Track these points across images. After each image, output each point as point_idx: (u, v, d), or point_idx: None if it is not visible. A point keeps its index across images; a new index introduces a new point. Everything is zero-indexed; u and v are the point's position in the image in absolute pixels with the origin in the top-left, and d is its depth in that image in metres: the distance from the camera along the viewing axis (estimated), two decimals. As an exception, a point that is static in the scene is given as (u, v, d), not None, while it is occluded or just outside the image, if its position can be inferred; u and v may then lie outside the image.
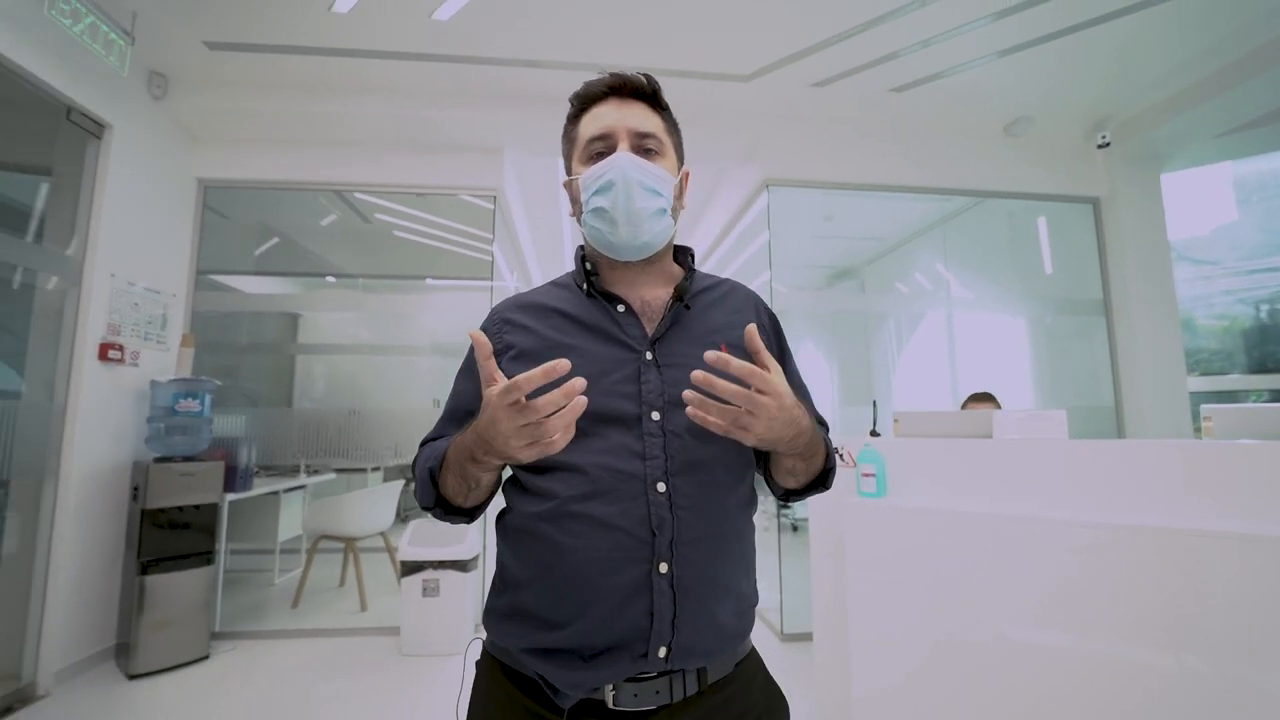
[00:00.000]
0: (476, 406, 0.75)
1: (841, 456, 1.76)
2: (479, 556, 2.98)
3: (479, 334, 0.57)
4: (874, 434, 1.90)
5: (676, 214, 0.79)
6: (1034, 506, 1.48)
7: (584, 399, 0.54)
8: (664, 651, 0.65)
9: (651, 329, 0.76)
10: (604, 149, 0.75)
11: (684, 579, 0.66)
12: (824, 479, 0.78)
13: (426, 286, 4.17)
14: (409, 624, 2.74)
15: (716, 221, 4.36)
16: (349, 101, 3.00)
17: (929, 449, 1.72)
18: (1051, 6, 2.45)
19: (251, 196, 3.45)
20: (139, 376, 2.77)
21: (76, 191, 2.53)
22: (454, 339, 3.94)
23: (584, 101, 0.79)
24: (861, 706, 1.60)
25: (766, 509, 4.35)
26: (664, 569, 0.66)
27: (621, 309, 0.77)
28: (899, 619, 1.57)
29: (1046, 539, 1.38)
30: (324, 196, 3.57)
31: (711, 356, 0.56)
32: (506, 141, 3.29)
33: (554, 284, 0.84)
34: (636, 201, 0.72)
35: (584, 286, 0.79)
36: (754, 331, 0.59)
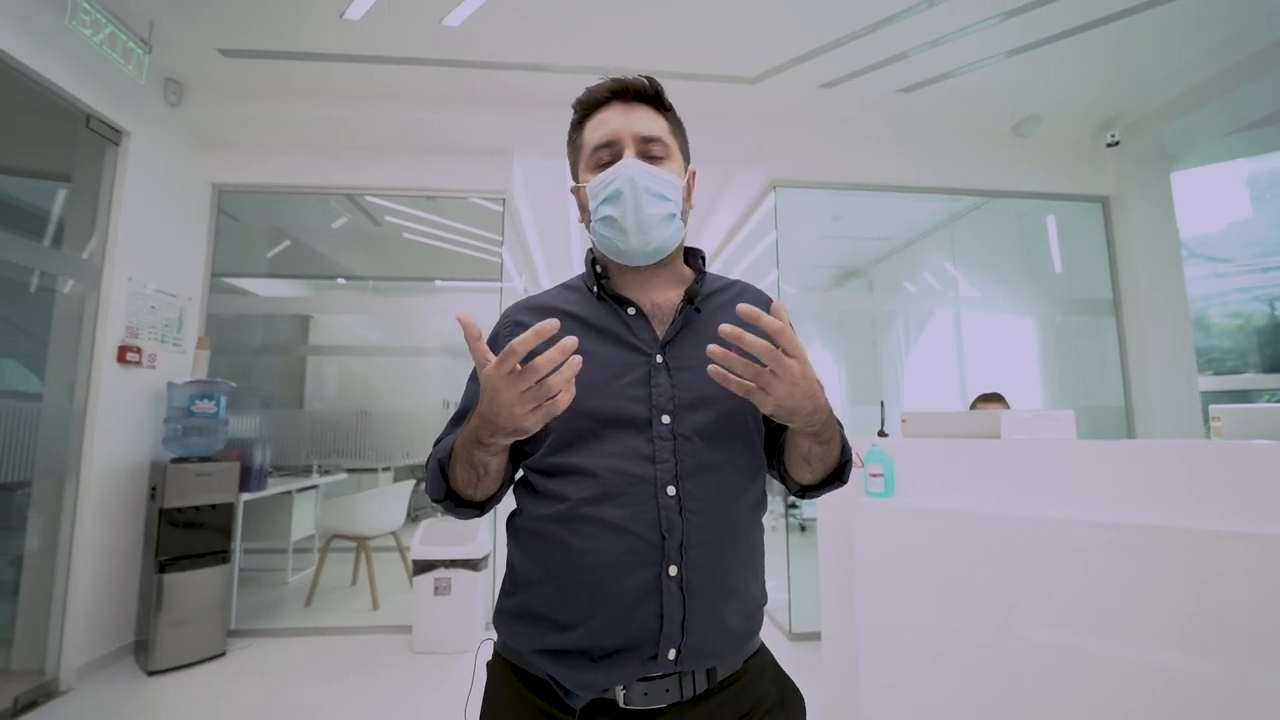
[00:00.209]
0: None
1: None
2: (489, 555, 3.01)
3: (467, 317, 0.55)
4: (881, 434, 1.91)
5: (686, 215, 0.79)
6: (1041, 506, 1.48)
7: (578, 358, 0.54)
8: (673, 653, 0.65)
9: (662, 332, 0.76)
10: (610, 156, 0.74)
11: (693, 582, 0.67)
12: (840, 472, 0.77)
13: (436, 288, 4.20)
14: (421, 622, 2.77)
15: (724, 222, 4.37)
16: (360, 106, 3.04)
17: (937, 449, 1.72)
18: (1059, 6, 2.44)
19: (263, 200, 3.49)
20: (156, 378, 2.82)
21: (95, 197, 2.59)
22: (463, 340, 3.96)
23: (587, 108, 0.78)
24: (870, 704, 1.61)
25: (774, 509, 4.35)
26: (673, 572, 0.66)
27: (632, 312, 0.77)
28: (907, 618, 1.58)
29: (1054, 538, 1.39)
30: (334, 199, 3.61)
31: (745, 310, 0.55)
32: (515, 144, 3.33)
33: (565, 286, 0.84)
34: (645, 209, 0.71)
35: (594, 289, 0.79)
36: (781, 307, 0.57)
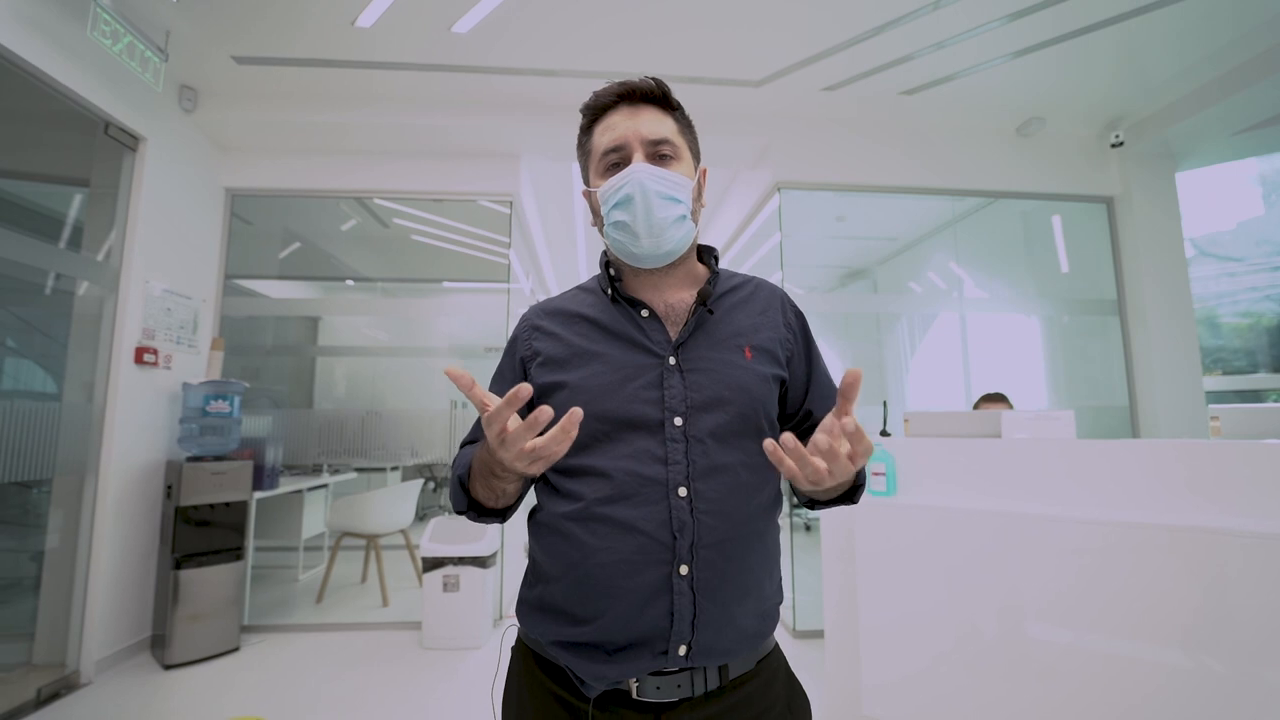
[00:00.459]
0: None
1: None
2: (498, 553, 3.06)
3: (454, 370, 0.55)
4: (884, 434, 1.94)
5: (697, 215, 0.79)
6: (1042, 505, 1.50)
7: (578, 412, 0.55)
8: (684, 650, 0.67)
9: (675, 333, 0.76)
10: (619, 160, 0.75)
11: (704, 581, 0.68)
12: (852, 494, 0.77)
13: (443, 289, 4.25)
14: (430, 618, 2.81)
15: (729, 224, 4.39)
16: (369, 111, 3.09)
17: (938, 448, 1.73)
18: (1064, 8, 2.46)
19: (274, 202, 3.54)
20: (172, 379, 2.88)
21: (113, 201, 2.65)
22: (470, 341, 4.02)
23: (594, 112, 0.78)
24: (872, 701, 1.62)
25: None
26: (684, 571, 0.67)
27: (645, 314, 0.78)
28: (909, 615, 1.59)
29: (1056, 536, 1.40)
30: (344, 202, 3.66)
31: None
32: (522, 148, 3.36)
33: (581, 288, 0.85)
34: (656, 212, 0.72)
35: (609, 292, 0.80)
36: (858, 376, 0.54)
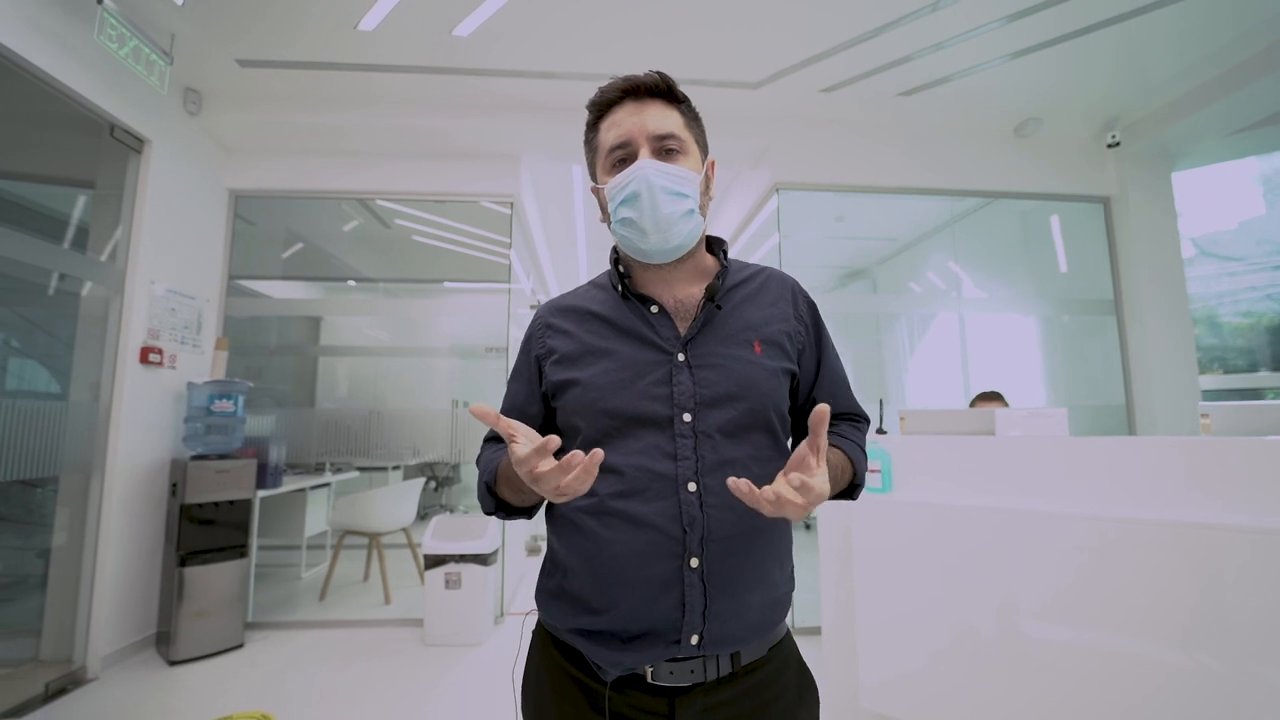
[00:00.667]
0: (528, 407, 0.82)
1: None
2: (499, 551, 3.08)
3: (479, 407, 0.57)
4: (880, 431, 1.97)
5: (705, 208, 0.79)
6: (1035, 501, 1.53)
7: (599, 453, 0.58)
8: (696, 639, 0.69)
9: (684, 329, 0.77)
10: (625, 156, 0.75)
11: (714, 573, 0.69)
12: (851, 492, 0.79)
13: (444, 290, 4.27)
14: (432, 615, 2.84)
15: (728, 225, 4.42)
16: (372, 113, 3.12)
17: (934, 446, 1.76)
18: (1061, 9, 2.48)
19: (277, 203, 3.57)
20: (176, 379, 2.91)
21: (119, 204, 2.68)
22: (472, 341, 4.05)
23: (600, 108, 0.79)
24: (869, 698, 1.65)
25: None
26: (695, 564, 0.69)
27: (655, 310, 0.78)
28: (905, 612, 1.62)
29: (1050, 533, 1.42)
30: (346, 203, 3.69)
31: (733, 486, 0.58)
32: (523, 149, 3.39)
33: (593, 284, 0.86)
34: (663, 208, 0.72)
35: (619, 288, 0.80)
36: (824, 414, 0.58)
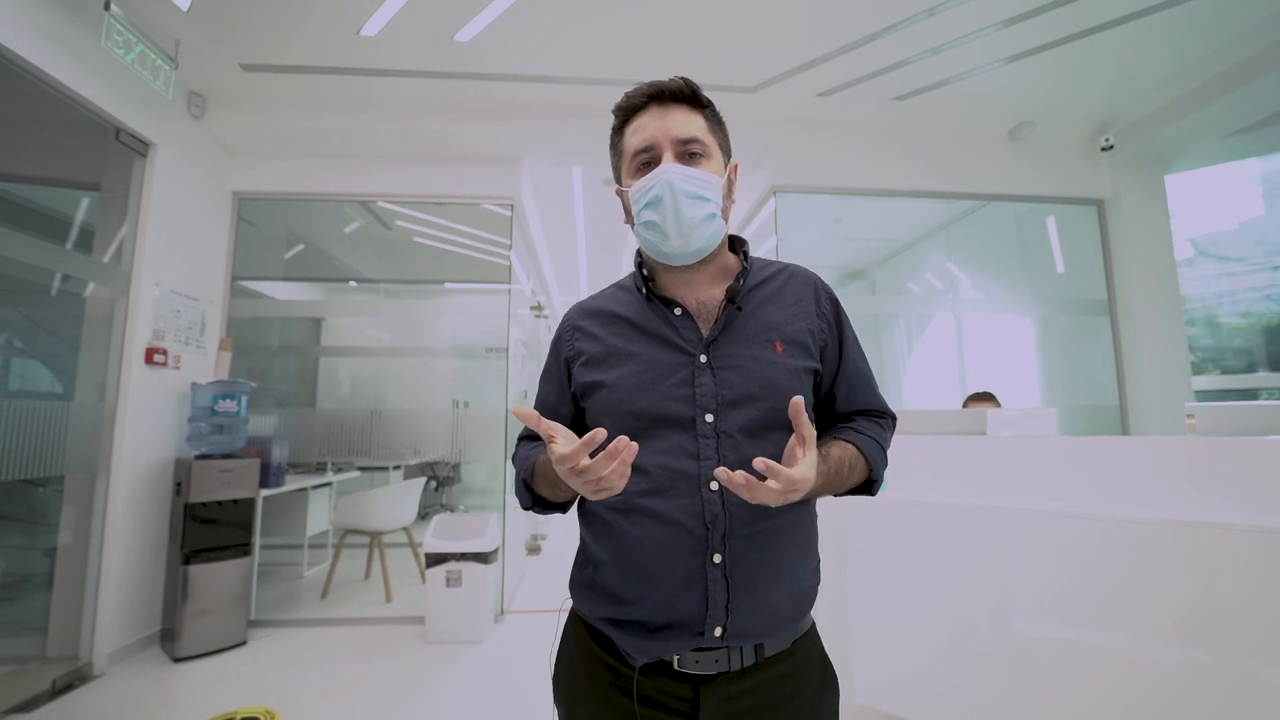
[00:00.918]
0: (560, 407, 0.86)
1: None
2: (499, 549, 3.12)
3: (522, 410, 0.63)
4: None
5: (728, 212, 0.81)
6: (1028, 500, 1.55)
7: (634, 446, 0.61)
8: (719, 631, 0.71)
9: (707, 330, 0.79)
10: (650, 160, 0.77)
11: (737, 569, 0.72)
12: (867, 488, 0.81)
13: (445, 291, 4.31)
14: (433, 613, 2.87)
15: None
16: (374, 117, 3.15)
17: (927, 446, 1.78)
18: (1056, 14, 2.51)
19: (279, 205, 3.60)
20: (181, 379, 2.94)
21: (124, 206, 2.71)
22: (472, 341, 4.08)
23: (626, 113, 0.81)
24: (863, 696, 1.66)
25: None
26: (718, 560, 0.71)
27: (678, 312, 0.80)
28: (900, 609, 1.63)
29: (1046, 531, 1.43)
30: (348, 205, 3.72)
31: (760, 465, 0.61)
32: (523, 152, 3.43)
33: (619, 286, 0.88)
34: (685, 212, 0.74)
35: (643, 291, 0.82)
36: (799, 406, 0.62)
